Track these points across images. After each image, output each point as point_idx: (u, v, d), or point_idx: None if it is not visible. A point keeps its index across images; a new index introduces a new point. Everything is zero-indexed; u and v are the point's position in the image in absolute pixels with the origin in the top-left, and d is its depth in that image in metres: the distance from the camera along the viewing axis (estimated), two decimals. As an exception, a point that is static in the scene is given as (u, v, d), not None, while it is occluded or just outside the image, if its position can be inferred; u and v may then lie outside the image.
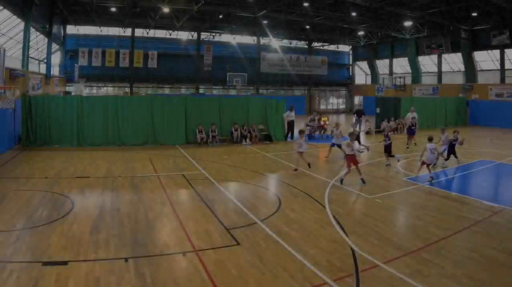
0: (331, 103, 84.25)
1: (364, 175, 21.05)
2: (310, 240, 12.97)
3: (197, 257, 11.58)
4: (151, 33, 68.43)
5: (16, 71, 31.37)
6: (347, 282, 10.22)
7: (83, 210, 15.75)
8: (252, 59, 73.60)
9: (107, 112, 31.92)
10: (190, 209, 16.29)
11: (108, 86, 67.61)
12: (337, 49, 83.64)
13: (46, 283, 9.82)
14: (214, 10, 54.57)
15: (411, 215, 15.89)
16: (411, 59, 68.66)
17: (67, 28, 63.39)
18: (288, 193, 18.93)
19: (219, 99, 35.69)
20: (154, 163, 25.48)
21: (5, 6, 33.33)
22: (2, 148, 27.45)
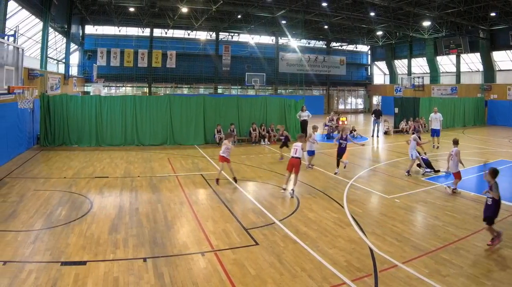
0: (349, 103, 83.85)
1: (383, 175, 21.02)
2: (329, 240, 12.96)
3: (215, 257, 11.62)
4: (170, 33, 68.52)
5: (34, 71, 31.40)
6: (366, 282, 10.23)
7: (102, 210, 15.81)
8: (270, 59, 73.47)
9: (125, 112, 32.02)
10: (209, 209, 16.29)
11: (126, 86, 67.62)
12: (356, 49, 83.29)
13: (65, 283, 9.87)
14: (233, 10, 54.48)
15: (429, 215, 15.77)
16: (429, 59, 68.15)
17: (86, 28, 63.72)
18: (306, 193, 18.90)
19: (238, 99, 35.63)
20: (172, 162, 25.52)
21: (24, 6, 33.44)
22: (21, 148, 27.61)
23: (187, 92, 70.66)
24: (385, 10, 52.95)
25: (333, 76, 78.02)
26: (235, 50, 70.12)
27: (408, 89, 68.59)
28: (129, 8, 53.48)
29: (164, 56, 63.51)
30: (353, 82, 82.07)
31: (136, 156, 27.54)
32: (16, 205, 15.95)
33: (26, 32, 38.15)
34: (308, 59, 73.39)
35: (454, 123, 49.58)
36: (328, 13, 53.30)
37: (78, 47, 61.25)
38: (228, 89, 73.45)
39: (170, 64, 63.54)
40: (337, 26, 66.19)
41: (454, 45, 62.12)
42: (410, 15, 54.18)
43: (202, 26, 63.45)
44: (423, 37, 63.36)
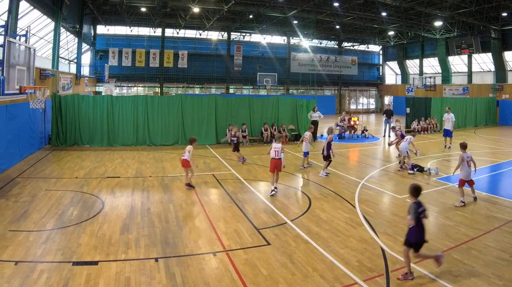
0: (361, 103, 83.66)
1: (395, 174, 21.02)
2: (340, 240, 12.96)
3: (227, 257, 11.64)
4: (181, 33, 68.55)
5: (46, 71, 31.48)
6: (378, 282, 10.24)
7: (113, 210, 15.85)
8: (282, 59, 73.44)
9: (137, 112, 32.10)
10: (220, 209, 16.30)
11: (138, 86, 67.74)
12: (367, 49, 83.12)
13: (76, 283, 9.91)
14: (244, 10, 54.46)
15: (441, 215, 15.74)
16: (441, 59, 67.91)
17: (97, 28, 63.89)
18: (318, 193, 18.90)
19: (249, 99, 35.59)
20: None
21: (35, 6, 33.51)
22: (32, 148, 27.70)
23: (199, 92, 70.70)
24: (396, 10, 52.80)
25: (345, 76, 77.94)
26: (246, 50, 70.25)
27: (419, 89, 68.36)
28: (141, 8, 53.58)
29: (175, 56, 63.72)
30: (364, 82, 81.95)
31: (147, 155, 27.58)
32: (27, 205, 16.00)
33: (37, 32, 38.26)
34: (320, 59, 73.39)
35: (466, 124, 49.51)
36: (340, 13, 53.19)
37: (89, 47, 61.42)
38: (240, 89, 73.43)
39: (182, 64, 63.67)
40: (348, 26, 66.00)
41: (465, 45, 61.90)
42: (422, 15, 54.00)
43: (214, 26, 63.50)
44: (435, 37, 63.15)
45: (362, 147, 31.89)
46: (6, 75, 15.82)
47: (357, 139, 37.54)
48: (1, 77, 15.62)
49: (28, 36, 20.49)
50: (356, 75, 78.09)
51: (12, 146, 23.37)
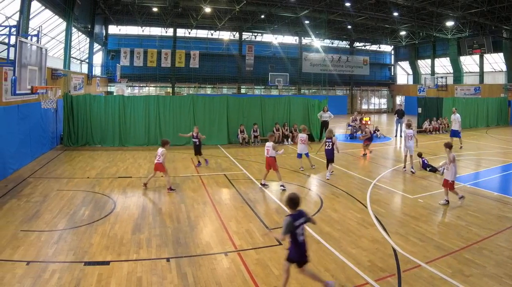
0: (372, 103, 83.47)
1: (407, 174, 21.03)
2: (352, 240, 12.98)
3: (239, 257, 11.68)
4: (193, 33, 68.57)
5: (58, 71, 31.55)
6: (389, 282, 10.24)
7: (125, 210, 15.91)
8: (293, 59, 73.28)
9: (148, 112, 32.19)
10: (232, 209, 16.33)
11: (150, 86, 67.82)
12: (379, 49, 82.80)
13: (88, 283, 9.96)
14: (256, 10, 54.42)
15: (452, 215, 15.72)
16: (452, 59, 67.65)
17: (109, 28, 63.96)
18: (330, 193, 18.91)
19: (261, 99, 35.62)
20: (196, 162, 25.48)
21: (47, 6, 33.59)
22: (44, 148, 27.80)
23: (210, 92, 70.74)
24: (408, 10, 52.63)
25: (357, 76, 77.75)
26: (258, 50, 70.17)
27: (431, 89, 68.17)
28: (153, 8, 53.71)
29: (187, 56, 63.81)
30: (376, 82, 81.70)
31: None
32: (39, 205, 16.06)
33: (49, 32, 38.34)
34: (332, 59, 73.26)
35: (477, 124, 49.35)
36: (352, 13, 53.10)
37: (101, 47, 61.54)
38: (252, 89, 73.48)
39: (194, 64, 63.72)
40: (360, 26, 65.85)
41: (477, 45, 61.65)
42: (434, 15, 53.85)
43: (226, 26, 63.52)
44: (447, 37, 62.94)
45: (374, 147, 31.75)
46: (18, 75, 15.87)
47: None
48: (13, 77, 15.67)
49: (39, 36, 20.51)
50: (367, 75, 77.88)
51: (23, 146, 23.44)
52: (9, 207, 15.82)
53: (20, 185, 19.30)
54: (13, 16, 27.40)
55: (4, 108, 20.66)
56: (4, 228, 13.42)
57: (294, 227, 9.34)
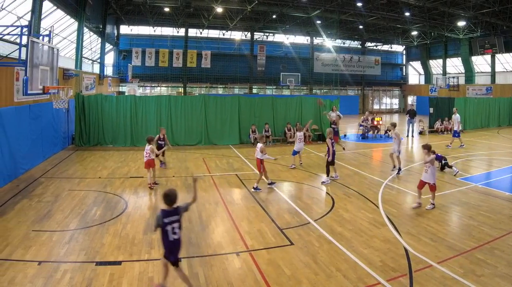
0: (384, 103, 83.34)
1: (418, 175, 20.96)
2: (364, 240, 12.96)
3: (250, 257, 11.68)
4: (205, 33, 68.84)
5: (69, 71, 31.66)
6: (401, 282, 10.22)
7: (137, 210, 15.96)
8: (305, 59, 73.31)
9: (160, 112, 32.25)
10: (244, 209, 16.33)
11: (161, 86, 67.99)
12: (391, 49, 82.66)
13: (100, 283, 9.99)
14: (268, 10, 54.46)
15: (464, 215, 15.67)
16: (464, 59, 67.41)
17: (121, 28, 64.35)
18: (341, 193, 18.88)
19: (272, 99, 35.65)
20: (207, 162, 25.58)
21: (59, 6, 33.70)
22: (56, 148, 27.89)
23: (222, 92, 70.98)
24: (420, 10, 52.56)
25: (368, 76, 77.64)
26: (270, 50, 70.29)
27: (443, 89, 68.01)
28: (164, 8, 53.91)
29: (199, 56, 63.97)
30: (388, 82, 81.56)
31: (171, 155, 27.58)
32: (51, 205, 16.10)
33: (61, 32, 38.48)
34: (343, 59, 73.07)
35: (489, 123, 49.17)
36: (363, 13, 53.11)
37: (113, 47, 61.79)
38: (263, 89, 73.61)
39: (205, 64, 63.81)
40: (372, 26, 65.85)
41: (489, 45, 61.42)
42: (445, 15, 53.78)
43: (237, 26, 63.66)
44: (458, 37, 62.81)
45: (386, 147, 31.75)
46: (29, 75, 15.89)
47: (380, 140, 37.43)
48: (25, 77, 15.70)
49: (51, 36, 20.54)
50: (379, 75, 77.62)
51: (35, 146, 23.52)
52: (21, 207, 15.88)
53: (32, 185, 19.37)
54: (24, 16, 27.51)
55: (16, 108, 20.73)
56: (15, 228, 13.48)
57: (163, 223, 9.31)
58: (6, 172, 19.36)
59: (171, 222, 9.36)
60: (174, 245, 9.46)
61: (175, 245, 9.47)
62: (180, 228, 9.52)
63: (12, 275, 10.21)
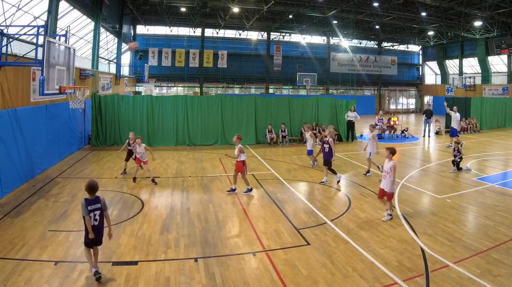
0: (400, 103, 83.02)
1: (435, 174, 20.86)
2: (380, 240, 12.93)
3: (267, 257, 11.67)
4: (221, 33, 69.02)
5: (86, 71, 31.73)
6: (417, 282, 10.18)
7: (153, 210, 16.00)
8: (321, 59, 73.20)
9: (176, 112, 32.30)
10: (260, 209, 16.33)
11: (177, 86, 68.30)
12: (407, 49, 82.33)
13: (116, 283, 10.03)
14: (284, 10, 54.51)
15: (481, 215, 15.60)
16: (480, 59, 67.06)
17: (137, 28, 64.70)
18: (358, 193, 18.88)
19: (289, 99, 35.62)
20: (224, 162, 25.59)
21: (75, 6, 33.86)
22: (72, 148, 28.00)
23: (238, 92, 71.11)
24: (436, 10, 52.41)
25: (384, 76, 77.32)
26: (286, 50, 70.28)
27: (459, 89, 67.70)
28: (181, 8, 53.91)
29: (215, 56, 63.91)
30: (404, 82, 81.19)
31: (187, 155, 27.67)
32: (67, 205, 16.17)
33: (77, 32, 38.66)
34: (360, 59, 72.95)
35: (506, 123, 48.85)
36: (380, 13, 53.00)
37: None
38: (280, 89, 73.58)
39: (222, 64, 63.80)
40: (388, 26, 65.57)
41: (505, 45, 61.06)
42: (461, 15, 53.61)
43: (254, 26, 63.69)
44: (475, 37, 62.51)
45: (402, 147, 31.66)
46: (46, 75, 15.94)
47: (396, 139, 37.28)
48: (41, 77, 15.74)
49: (67, 36, 20.59)
50: (395, 75, 77.34)
51: (52, 146, 23.62)
52: (37, 207, 15.97)
53: (48, 185, 19.47)
54: (41, 16, 27.61)
55: (33, 108, 20.81)
56: (32, 228, 13.54)
57: (87, 210, 10.21)
58: (22, 172, 19.48)
59: (93, 210, 10.33)
60: (94, 229, 10.34)
61: (97, 230, 10.41)
62: (100, 215, 10.48)
63: (29, 275, 10.25)
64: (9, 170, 17.98)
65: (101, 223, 10.55)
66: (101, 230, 10.59)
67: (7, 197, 17.32)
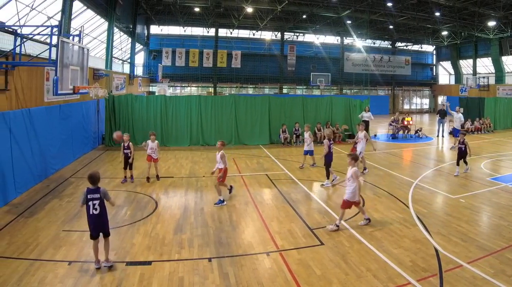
0: (414, 103, 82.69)
1: (449, 175, 20.83)
2: (394, 240, 12.92)
3: (280, 257, 11.68)
4: (235, 33, 68.95)
5: (99, 71, 31.80)
6: (431, 282, 10.18)
7: (167, 210, 16.03)
8: (335, 59, 73.06)
9: (190, 112, 32.30)
10: (274, 209, 16.31)
11: (191, 86, 68.28)
12: (421, 49, 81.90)
13: (130, 283, 10.07)
14: (298, 10, 54.42)
15: (494, 215, 15.56)
16: (494, 59, 66.71)
17: (151, 28, 64.86)
18: (371, 193, 18.84)
19: (303, 99, 35.51)
20: (237, 162, 25.62)
21: (89, 6, 33.95)
22: (86, 148, 28.11)
23: (252, 92, 71.09)
24: (450, 10, 52.21)
25: (398, 76, 77.03)
26: (300, 50, 70.14)
27: (473, 89, 67.43)
28: (194, 8, 54.04)
29: (229, 56, 63.89)
30: (418, 82, 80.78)
31: (201, 155, 27.70)
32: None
33: (91, 32, 38.78)
34: (373, 59, 72.77)
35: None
36: (393, 13, 52.85)
37: (143, 47, 62.27)
38: (293, 89, 73.50)
39: (235, 64, 63.78)
40: (402, 26, 65.34)
41: (519, 45, 60.95)
42: (475, 15, 53.40)
43: (267, 26, 63.62)
44: (488, 37, 62.17)
45: (416, 147, 31.65)
46: (59, 75, 15.96)
47: (410, 140, 37.20)
48: (55, 77, 15.77)
49: (81, 36, 20.64)
50: (409, 75, 77.01)
51: (65, 146, 23.70)
52: (51, 207, 16.07)
53: (62, 185, 19.56)
54: (55, 16, 27.70)
55: (46, 108, 20.88)
56: (46, 228, 13.62)
57: (86, 199, 10.79)
58: (36, 172, 19.56)
59: (92, 199, 10.78)
60: (93, 219, 10.85)
61: (94, 219, 10.85)
62: (100, 205, 10.86)
63: (42, 275, 10.31)
64: (23, 170, 18.06)
65: (103, 213, 10.93)
66: (103, 220, 11.01)
67: (21, 197, 17.42)
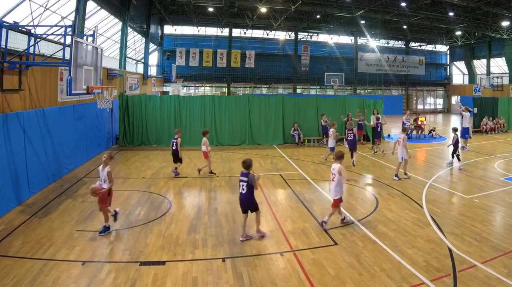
0: (428, 103, 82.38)
1: (462, 174, 20.81)
2: (408, 240, 12.90)
3: (294, 257, 11.70)
4: (249, 33, 68.74)
5: (113, 71, 31.84)
6: (445, 282, 10.17)
7: (181, 210, 16.09)
8: (349, 59, 72.85)
9: (204, 112, 32.29)
10: (288, 209, 16.34)
11: (205, 86, 68.26)
12: (434, 49, 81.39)
13: (144, 283, 10.11)
14: (311, 10, 54.37)
15: (508, 215, 15.52)
16: (508, 60, 66.31)
17: (165, 28, 64.89)
18: (385, 193, 18.78)
19: (317, 99, 35.39)
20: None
21: (103, 6, 33.97)
22: (100, 148, 28.17)
23: (266, 92, 71.01)
24: (464, 10, 51.96)
25: (412, 76, 76.77)
26: (314, 50, 70.03)
27: (487, 89, 67.15)
28: (208, 8, 54.03)
29: (243, 56, 63.91)
30: (432, 82, 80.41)
31: (215, 155, 27.59)
32: (95, 205, 16.06)
33: (105, 32, 38.84)
34: (387, 59, 72.55)
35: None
36: (407, 13, 52.67)
37: (157, 47, 62.35)
38: (307, 89, 73.35)
39: (249, 64, 63.73)
40: (416, 26, 65.14)
41: (533, 45, 60.66)
42: (489, 15, 53.17)
43: (281, 26, 63.52)
44: (502, 37, 61.82)
45: (429, 147, 31.56)
46: (73, 75, 15.99)
47: (424, 140, 37.09)
48: (69, 77, 15.81)
49: (95, 36, 20.67)
50: (423, 75, 76.75)
51: (79, 146, 23.77)
52: (65, 207, 16.14)
53: (76, 185, 19.65)
54: (68, 16, 27.78)
55: (60, 108, 20.96)
56: (60, 228, 13.69)
57: (239, 180, 13.40)
58: (50, 172, 19.65)
59: (242, 181, 13.22)
60: (241, 197, 13.33)
61: (241, 197, 13.31)
62: (248, 187, 13.12)
63: (56, 275, 10.37)
64: (37, 170, 18.15)
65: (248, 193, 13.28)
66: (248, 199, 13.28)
67: (34, 197, 17.52)
